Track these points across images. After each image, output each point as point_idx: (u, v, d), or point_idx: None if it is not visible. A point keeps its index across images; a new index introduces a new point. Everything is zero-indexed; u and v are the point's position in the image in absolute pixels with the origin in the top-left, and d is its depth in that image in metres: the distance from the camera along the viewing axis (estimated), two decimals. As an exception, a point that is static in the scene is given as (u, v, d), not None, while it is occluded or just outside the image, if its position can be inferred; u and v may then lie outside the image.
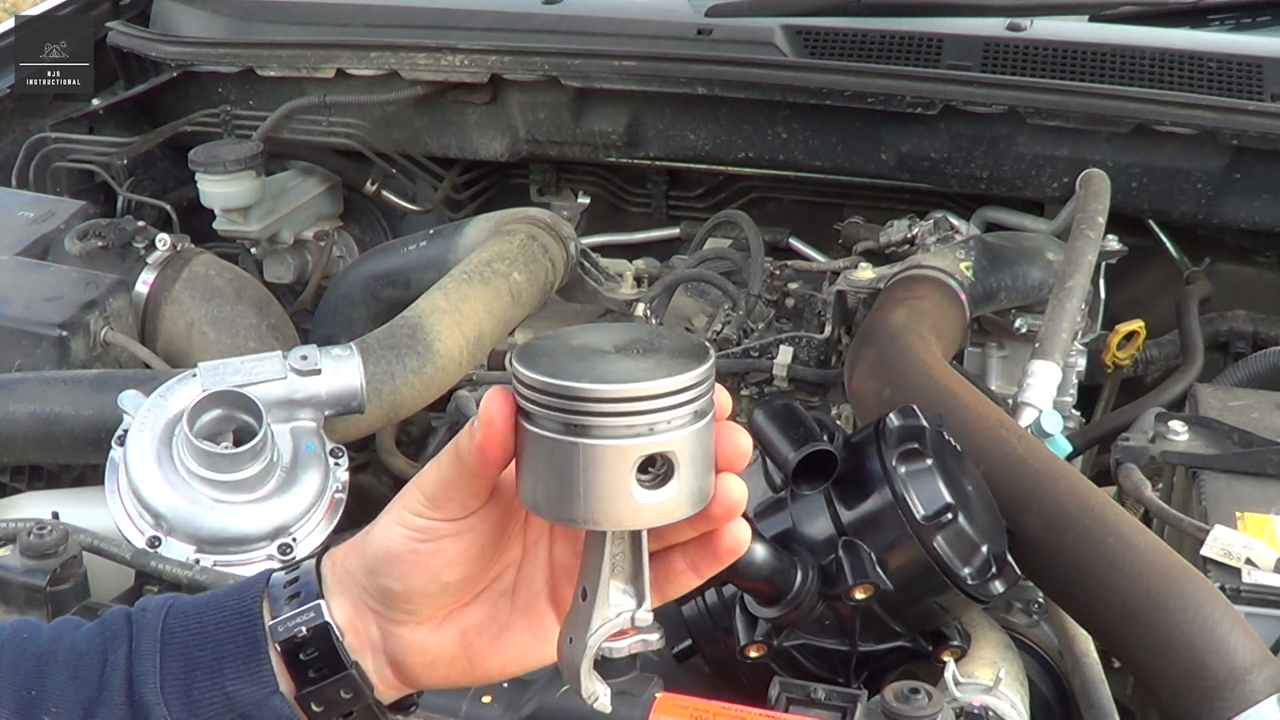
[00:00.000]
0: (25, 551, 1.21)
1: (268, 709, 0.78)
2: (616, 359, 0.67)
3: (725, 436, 0.69)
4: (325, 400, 1.46)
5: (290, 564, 0.82)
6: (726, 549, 0.72)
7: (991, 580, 1.16)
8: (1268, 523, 1.29)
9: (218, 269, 1.97)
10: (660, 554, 0.74)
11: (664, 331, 0.70)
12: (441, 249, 2.03)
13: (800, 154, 2.13)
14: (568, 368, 0.66)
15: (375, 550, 0.77)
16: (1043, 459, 1.28)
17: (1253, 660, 1.07)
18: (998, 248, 1.87)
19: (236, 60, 2.30)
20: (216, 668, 0.78)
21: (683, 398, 0.65)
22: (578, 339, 0.70)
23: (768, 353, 1.92)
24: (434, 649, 0.79)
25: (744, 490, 0.70)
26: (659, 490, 0.67)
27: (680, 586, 0.75)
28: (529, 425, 0.67)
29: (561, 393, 0.65)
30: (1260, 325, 2.06)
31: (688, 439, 0.66)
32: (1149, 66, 2.02)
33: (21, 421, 1.50)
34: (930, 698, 1.02)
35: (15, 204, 2.04)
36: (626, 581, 0.71)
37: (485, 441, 0.69)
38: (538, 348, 0.69)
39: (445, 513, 0.74)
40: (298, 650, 0.77)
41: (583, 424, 0.65)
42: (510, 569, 0.79)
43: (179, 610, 0.81)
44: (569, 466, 0.66)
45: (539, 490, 0.68)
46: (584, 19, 2.25)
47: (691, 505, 0.68)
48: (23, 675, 0.79)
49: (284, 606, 0.78)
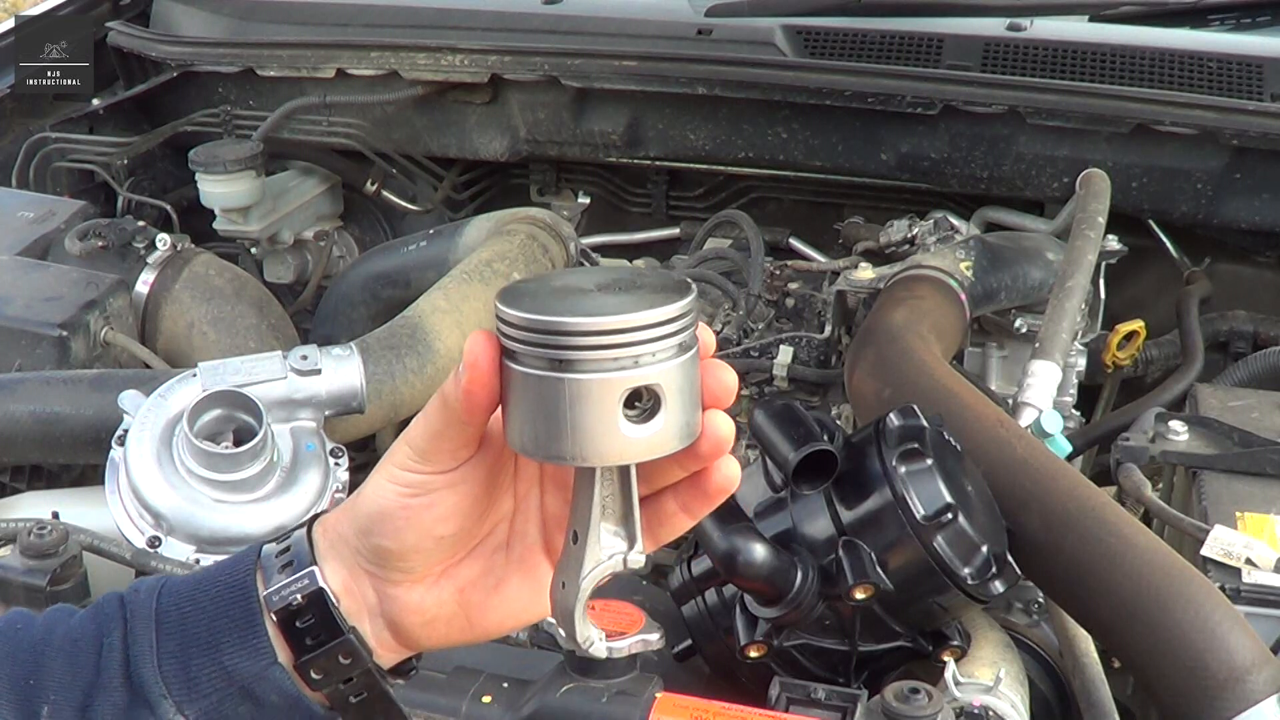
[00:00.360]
0: (25, 551, 1.21)
1: (267, 681, 0.77)
2: (599, 295, 0.67)
3: (711, 373, 0.69)
4: (325, 400, 1.46)
5: (281, 535, 0.81)
6: (717, 487, 0.72)
7: (991, 580, 1.16)
8: (1268, 523, 1.29)
9: (218, 269, 1.97)
10: (652, 497, 0.74)
11: (645, 270, 0.70)
12: (441, 249, 2.03)
13: (800, 154, 2.13)
14: (551, 305, 0.66)
15: (367, 510, 0.76)
16: (1043, 459, 1.28)
17: (1253, 660, 1.07)
18: (998, 248, 1.87)
19: (236, 60, 2.30)
20: (213, 643, 0.77)
21: (666, 330, 0.65)
22: (560, 280, 0.70)
23: (768, 353, 1.92)
24: (431, 608, 0.78)
25: (731, 426, 0.70)
26: (646, 424, 0.66)
27: (674, 529, 0.75)
28: (514, 365, 0.67)
29: (545, 328, 0.65)
30: (1260, 325, 2.06)
31: (673, 371, 0.66)
32: (1149, 66, 2.02)
33: (21, 421, 1.50)
34: (930, 698, 1.02)
35: (15, 204, 2.04)
36: (617, 523, 0.71)
37: (471, 384, 0.68)
38: (520, 289, 0.69)
39: (435, 465, 0.73)
40: (294, 618, 0.77)
41: (567, 359, 0.65)
42: (503, 522, 0.78)
43: (172, 589, 0.80)
44: (555, 403, 0.65)
45: (526, 430, 0.67)
46: (584, 19, 2.25)
47: (679, 440, 0.68)
48: (19, 665, 0.78)
49: (277, 576, 0.78)
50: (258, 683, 0.77)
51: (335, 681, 0.78)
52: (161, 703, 0.76)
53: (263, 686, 0.77)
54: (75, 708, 0.77)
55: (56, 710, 0.77)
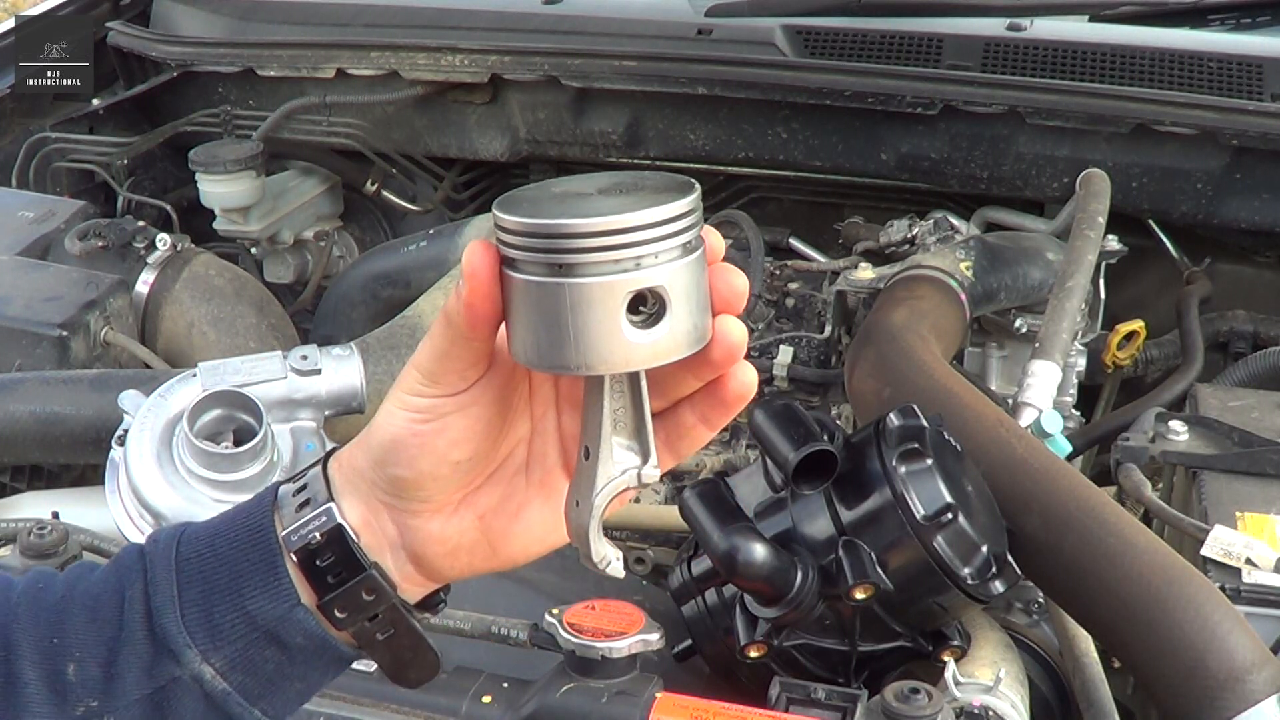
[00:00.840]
0: (25, 551, 1.22)
1: (291, 622, 0.76)
2: (600, 198, 0.66)
3: (719, 277, 0.67)
4: (325, 400, 1.46)
5: (296, 474, 0.80)
6: (734, 394, 0.70)
7: (991, 580, 1.16)
8: (1268, 523, 1.29)
9: (218, 269, 1.97)
10: (669, 410, 0.72)
11: (647, 173, 0.69)
12: (441, 249, 2.03)
13: (800, 154, 2.13)
14: (549, 209, 0.65)
15: (380, 440, 0.74)
16: (1043, 459, 1.28)
17: (1253, 660, 1.07)
18: (998, 248, 1.87)
19: (236, 60, 2.30)
20: (235, 589, 0.76)
21: (669, 229, 0.63)
22: (559, 186, 0.69)
23: (768, 353, 1.92)
24: (453, 536, 0.77)
25: (743, 331, 0.68)
26: (652, 329, 0.64)
27: (694, 442, 0.73)
28: (514, 273, 0.65)
29: (543, 231, 0.63)
30: (1260, 325, 2.06)
31: (677, 272, 0.64)
32: (1149, 66, 2.02)
33: (21, 421, 1.50)
34: (930, 698, 1.02)
35: (15, 204, 2.04)
36: (629, 437, 0.69)
37: (472, 295, 0.67)
38: (519, 195, 0.67)
39: (444, 387, 0.71)
40: (314, 557, 0.75)
41: (568, 262, 0.63)
42: (521, 445, 0.77)
43: (190, 537, 0.79)
44: (557, 309, 0.63)
45: (529, 340, 0.66)
46: (584, 19, 2.25)
47: (688, 344, 0.65)
48: (43, 626, 0.77)
49: (294, 515, 0.76)
50: (282, 625, 0.76)
51: (360, 619, 0.77)
52: (186, 652, 0.75)
53: (287, 629, 0.76)
54: (100, 664, 0.76)
55: (82, 668, 0.76)
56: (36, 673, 0.76)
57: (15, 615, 0.78)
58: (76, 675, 0.75)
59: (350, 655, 0.79)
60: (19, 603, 0.79)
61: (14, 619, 0.77)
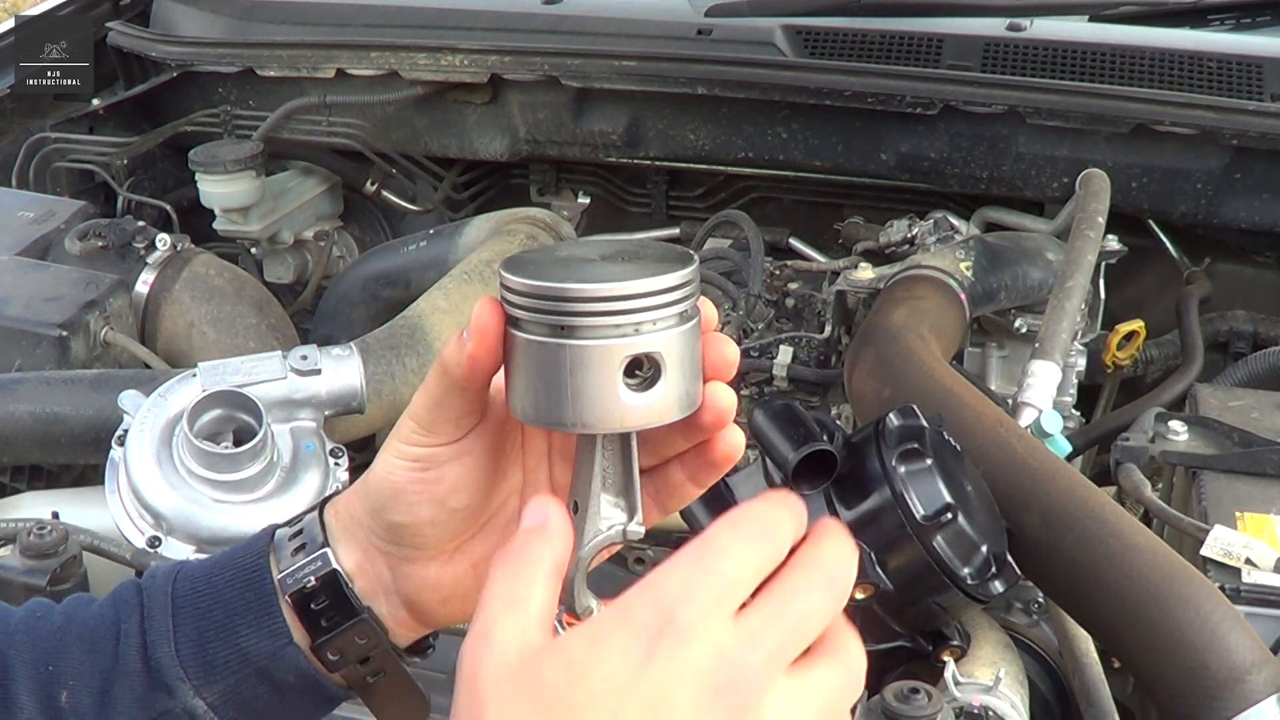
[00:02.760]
0: (25, 551, 1.22)
1: (283, 660, 0.78)
2: (602, 264, 0.68)
3: (712, 346, 0.70)
4: (325, 400, 1.46)
5: (293, 519, 0.82)
6: (722, 455, 0.73)
7: (991, 580, 1.16)
8: (1268, 523, 1.29)
9: (218, 269, 1.97)
10: (659, 467, 0.75)
11: (649, 241, 0.71)
12: (441, 249, 2.03)
13: (800, 154, 2.13)
14: (554, 272, 0.67)
15: (377, 488, 0.76)
16: (1043, 459, 1.28)
17: (1253, 660, 1.07)
18: (998, 248, 1.87)
19: (236, 60, 2.29)
20: (229, 626, 0.78)
21: (667, 298, 0.66)
22: (564, 250, 0.72)
23: (768, 353, 1.92)
24: (448, 584, 0.79)
25: (733, 397, 0.71)
26: (646, 392, 0.67)
27: (681, 499, 0.76)
28: (517, 332, 0.68)
29: (548, 294, 0.66)
30: (1260, 325, 2.06)
31: (673, 340, 0.67)
32: (1149, 66, 2.02)
33: (21, 421, 1.50)
34: (930, 698, 1.02)
35: (15, 204, 2.04)
36: (618, 493, 0.71)
37: (477, 349, 0.69)
38: (525, 258, 0.70)
39: (440, 436, 0.74)
40: (308, 600, 0.77)
41: (569, 325, 0.66)
42: (513, 496, 0.79)
43: (187, 574, 0.81)
44: (557, 369, 0.66)
45: (528, 397, 0.68)
46: (584, 19, 2.25)
47: (679, 409, 0.68)
48: (39, 652, 0.79)
49: (290, 559, 0.78)
50: (274, 662, 0.78)
51: (352, 661, 0.79)
52: (179, 686, 0.77)
53: (280, 667, 0.78)
54: (94, 693, 0.77)
55: (75, 696, 0.77)
56: (31, 698, 0.77)
57: (12, 641, 0.79)
58: (69, 702, 0.77)
59: (340, 695, 0.81)
60: (17, 629, 0.80)
61: (11, 645, 0.79)
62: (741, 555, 0.59)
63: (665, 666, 0.57)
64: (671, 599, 0.58)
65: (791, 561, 0.61)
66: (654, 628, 0.58)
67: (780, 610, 0.59)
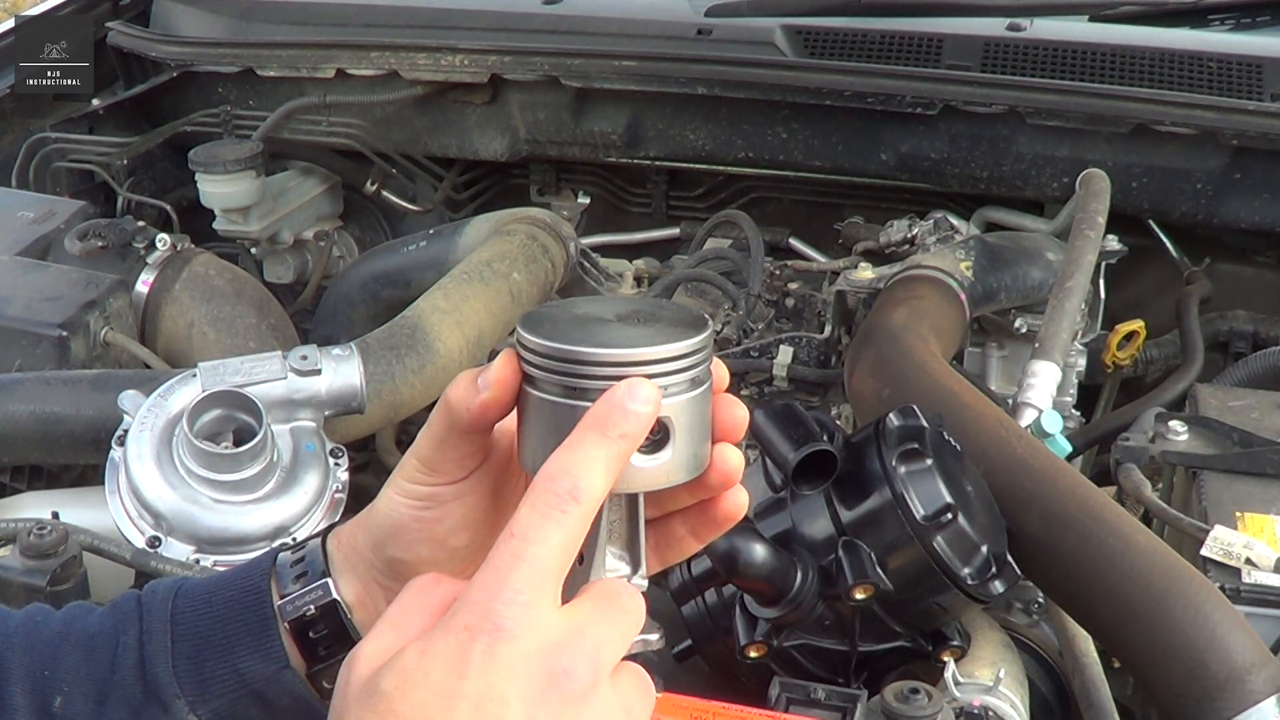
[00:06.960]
0: (25, 551, 1.21)
1: (279, 683, 0.78)
2: (618, 326, 0.69)
3: (723, 408, 0.71)
4: (325, 400, 1.46)
5: (296, 544, 0.82)
6: (725, 514, 0.74)
7: (991, 580, 1.16)
8: (1268, 523, 1.29)
9: (218, 269, 1.97)
10: (661, 520, 0.75)
11: (665, 303, 0.71)
12: (441, 249, 2.03)
13: (800, 154, 2.13)
14: (570, 333, 0.68)
15: (380, 524, 0.77)
16: (1043, 459, 1.28)
17: (1253, 660, 1.07)
18: (998, 248, 1.87)
19: (236, 60, 2.30)
20: (227, 646, 0.78)
21: (680, 364, 0.67)
22: (581, 308, 0.72)
23: (768, 353, 1.92)
24: None
25: (740, 460, 0.71)
26: (655, 455, 0.68)
27: (681, 552, 0.77)
28: (531, 389, 0.69)
29: (563, 356, 0.67)
30: (1260, 325, 2.06)
31: (684, 405, 0.67)
32: (1149, 66, 2.02)
33: (21, 421, 1.50)
34: (930, 698, 1.02)
35: (15, 204, 2.03)
36: (622, 548, 0.72)
37: (491, 400, 0.69)
38: (541, 315, 0.70)
39: (443, 475, 0.74)
40: (307, 628, 0.78)
41: (583, 387, 0.66)
42: None
43: (188, 592, 0.81)
44: (568, 429, 0.66)
45: (540, 452, 0.68)
46: (584, 19, 2.25)
47: (687, 471, 0.69)
48: (37, 656, 0.79)
49: (291, 585, 0.79)
50: (270, 685, 0.78)
51: None
52: (175, 702, 0.77)
53: (275, 689, 0.78)
54: (89, 701, 0.78)
55: (69, 702, 0.77)
56: (25, 700, 0.77)
57: (10, 644, 0.80)
58: (63, 708, 0.77)
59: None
60: (15, 632, 0.81)
61: (9, 647, 0.79)
62: (545, 534, 0.61)
63: (488, 665, 0.58)
64: (489, 594, 0.59)
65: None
66: (475, 627, 0.59)
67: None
